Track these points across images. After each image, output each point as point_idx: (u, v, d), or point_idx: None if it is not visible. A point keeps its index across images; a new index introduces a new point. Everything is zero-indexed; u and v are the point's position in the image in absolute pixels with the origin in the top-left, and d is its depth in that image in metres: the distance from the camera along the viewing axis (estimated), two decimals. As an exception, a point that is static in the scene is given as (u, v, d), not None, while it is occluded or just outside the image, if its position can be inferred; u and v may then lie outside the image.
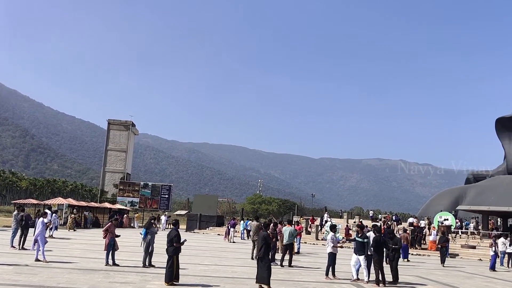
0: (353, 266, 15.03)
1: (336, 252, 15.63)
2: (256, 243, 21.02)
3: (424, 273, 19.06)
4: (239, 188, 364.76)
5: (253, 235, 21.54)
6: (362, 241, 14.66)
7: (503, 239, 24.47)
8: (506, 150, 53.03)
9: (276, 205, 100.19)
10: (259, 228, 21.43)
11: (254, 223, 23.30)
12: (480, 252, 29.97)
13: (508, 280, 18.29)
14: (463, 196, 51.51)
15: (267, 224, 15.25)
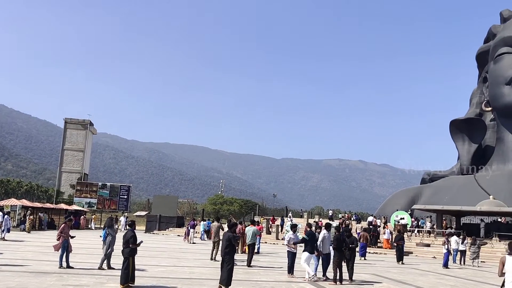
0: (306, 264, 15.20)
1: (295, 251, 15.73)
2: (216, 244, 20.99)
3: (380, 271, 19.48)
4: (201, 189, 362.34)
5: (214, 236, 21.43)
6: (305, 238, 14.96)
7: (455, 237, 25.34)
8: (460, 151, 55.00)
9: (237, 205, 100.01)
10: (220, 229, 21.46)
11: (215, 224, 23.20)
12: (434, 250, 30.92)
13: (459, 277, 18.93)
14: (419, 196, 53.03)
15: (233, 225, 15.19)
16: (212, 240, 21.69)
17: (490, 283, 17.11)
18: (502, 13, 54.76)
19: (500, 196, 41.88)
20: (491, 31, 54.99)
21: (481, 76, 56.99)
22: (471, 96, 59.20)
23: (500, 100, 49.51)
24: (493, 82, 50.95)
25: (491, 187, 45.88)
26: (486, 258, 28.35)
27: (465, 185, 49.39)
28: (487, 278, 18.78)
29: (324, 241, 15.33)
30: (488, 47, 54.18)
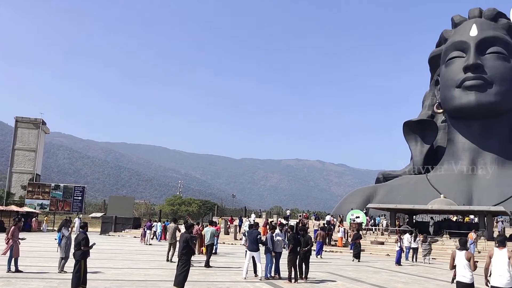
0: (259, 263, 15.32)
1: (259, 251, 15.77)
2: (172, 245, 20.78)
3: (335, 269, 19.81)
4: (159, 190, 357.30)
5: (170, 237, 21.20)
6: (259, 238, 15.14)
7: (408, 235, 26.09)
8: (413, 151, 56.69)
9: (196, 206, 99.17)
10: (176, 230, 21.27)
11: (171, 225, 22.96)
12: (388, 248, 31.71)
13: (411, 273, 19.50)
14: (374, 195, 54.27)
15: (190, 226, 15.04)
16: (168, 241, 21.44)
17: (440, 279, 17.70)
18: (453, 18, 56.83)
19: (450, 195, 43.47)
20: (443, 35, 56.94)
21: (433, 79, 58.89)
22: (424, 98, 61.10)
23: (451, 102, 51.35)
24: (444, 85, 52.79)
25: (442, 186, 47.57)
26: (437, 255, 29.33)
27: (418, 184, 50.97)
28: (437, 275, 19.43)
29: (275, 240, 15.49)
30: (440, 51, 56.07)
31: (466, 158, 51.30)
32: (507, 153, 50.59)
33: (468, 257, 9.55)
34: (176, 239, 20.80)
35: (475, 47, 49.75)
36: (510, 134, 51.94)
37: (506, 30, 52.64)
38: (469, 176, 49.55)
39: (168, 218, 55.30)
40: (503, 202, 42.51)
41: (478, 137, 51.32)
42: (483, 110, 49.14)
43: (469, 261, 9.51)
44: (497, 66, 49.51)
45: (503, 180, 47.10)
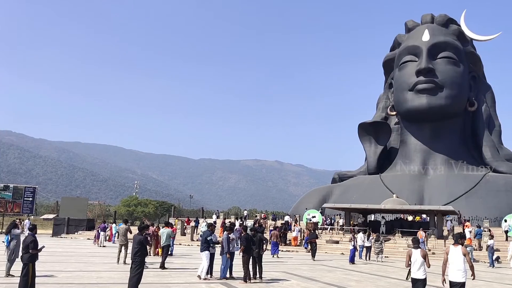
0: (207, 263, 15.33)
1: (213, 252, 15.70)
2: (124, 247, 20.44)
3: (291, 268, 20.01)
4: (114, 190, 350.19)
5: (121, 239, 20.83)
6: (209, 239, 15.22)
7: (361, 234, 26.68)
8: (367, 152, 57.98)
9: (152, 207, 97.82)
10: (127, 232, 20.93)
11: (123, 226, 22.54)
12: (342, 247, 32.30)
13: (364, 272, 19.95)
14: (330, 195, 55.20)
15: (143, 227, 14.79)
16: (119, 242, 21.06)
17: (391, 277, 18.20)
18: (406, 23, 58.55)
19: (403, 195, 44.78)
20: (397, 40, 58.57)
21: (387, 82, 60.46)
22: (378, 100, 62.63)
23: (404, 105, 52.89)
24: (397, 88, 54.32)
25: (395, 186, 48.92)
26: (389, 253, 30.13)
27: (372, 184, 52.21)
28: (389, 273, 19.96)
29: (230, 240, 15.52)
30: (393, 55, 57.65)
31: (417, 159, 52.95)
32: (456, 155, 52.57)
33: (423, 255, 10.25)
34: (127, 241, 20.52)
35: (427, 51, 51.44)
36: (459, 137, 54.02)
37: (457, 36, 54.72)
38: (420, 177, 51.17)
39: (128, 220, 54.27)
40: (452, 202, 44.15)
41: (429, 139, 53.09)
42: (434, 112, 50.87)
43: (424, 259, 10.21)
44: (447, 70, 51.38)
45: (452, 180, 48.93)
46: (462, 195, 46.65)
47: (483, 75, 57.39)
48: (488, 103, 54.47)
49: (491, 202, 45.29)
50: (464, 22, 56.72)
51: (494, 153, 51.60)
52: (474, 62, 55.07)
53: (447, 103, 50.65)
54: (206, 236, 15.47)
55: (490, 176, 48.94)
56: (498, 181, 47.99)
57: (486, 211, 43.79)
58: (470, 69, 54.25)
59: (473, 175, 49.34)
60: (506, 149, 54.08)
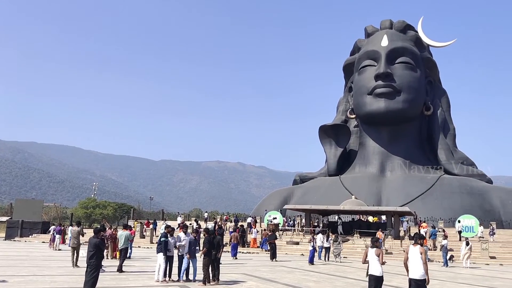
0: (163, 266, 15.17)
1: (172, 255, 15.52)
2: (76, 250, 19.97)
3: (250, 270, 20.02)
4: (72, 192, 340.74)
5: (73, 241, 20.35)
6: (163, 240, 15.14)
7: (321, 235, 27.01)
8: (327, 154, 58.81)
9: (111, 209, 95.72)
10: (79, 234, 20.45)
11: (75, 228, 21.99)
12: (302, 248, 32.61)
13: (322, 272, 20.19)
14: (291, 196, 55.65)
15: (99, 230, 14.46)
16: (71, 245, 20.55)
17: (349, 277, 18.50)
18: (366, 28, 59.83)
19: (361, 196, 45.70)
20: (357, 44, 59.75)
21: (347, 86, 61.57)
22: (338, 103, 63.67)
23: (363, 108, 53.98)
24: (357, 92, 55.39)
25: (354, 187, 49.85)
26: (348, 254, 30.66)
27: (332, 186, 53.00)
28: (347, 273, 20.29)
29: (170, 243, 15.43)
30: (353, 59, 58.77)
31: (376, 162, 54.13)
32: (413, 157, 54.06)
33: (377, 253, 10.97)
34: (79, 243, 20.19)
35: (386, 56, 52.73)
36: (416, 140, 55.60)
37: (414, 41, 56.33)
38: (378, 178, 52.32)
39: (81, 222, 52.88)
40: (408, 203, 45.37)
41: (387, 141, 54.38)
42: (391, 116, 52.15)
43: (378, 257, 10.94)
44: (405, 75, 52.79)
45: (409, 182, 50.29)
46: (418, 196, 48.02)
47: (439, 80, 59.34)
48: (443, 108, 56.33)
49: (446, 203, 46.83)
50: (421, 29, 58.54)
51: (448, 156, 53.36)
52: (431, 67, 56.86)
53: (404, 107, 52.00)
54: (160, 238, 15.35)
55: (445, 178, 50.58)
56: (453, 183, 49.66)
57: (441, 212, 45.25)
58: (427, 74, 55.96)
59: (428, 177, 50.87)
60: (460, 152, 56.04)
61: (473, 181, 50.67)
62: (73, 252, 19.92)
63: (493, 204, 48.02)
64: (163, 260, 15.01)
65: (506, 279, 20.24)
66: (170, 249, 15.31)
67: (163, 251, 15.01)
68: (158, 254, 15.10)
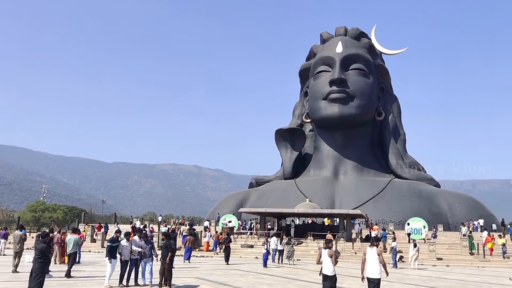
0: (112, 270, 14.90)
1: (128, 259, 15.19)
2: (19, 254, 19.26)
3: (204, 273, 19.88)
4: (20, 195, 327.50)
5: (16, 246, 19.60)
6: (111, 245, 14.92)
7: (275, 238, 27.18)
8: (283, 158, 59.33)
9: (61, 212, 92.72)
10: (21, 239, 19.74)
11: (17, 232, 21.17)
12: (257, 251, 32.69)
13: (276, 275, 20.32)
14: (246, 199, 55.73)
15: (45, 235, 13.95)
16: (14, 250, 19.79)
17: (301, 280, 18.69)
18: (322, 34, 60.91)
19: (315, 199, 46.36)
20: (312, 50, 60.69)
21: (303, 91, 62.39)
22: (294, 108, 64.42)
23: (318, 113, 54.85)
24: (312, 97, 56.23)
25: (309, 191, 50.51)
26: (301, 256, 31.02)
27: (287, 189, 53.49)
28: (300, 275, 20.50)
29: (125, 247, 15.16)
30: (309, 64, 59.65)
31: (329, 165, 55.10)
32: (365, 161, 55.39)
33: (330, 254, 11.74)
34: (22, 248, 19.64)
35: (340, 63, 53.82)
36: (368, 144, 57.00)
37: (367, 49, 57.80)
38: (332, 182, 53.25)
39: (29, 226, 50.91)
40: (360, 206, 46.44)
41: (340, 146, 55.47)
42: (345, 121, 53.26)
43: (331, 258, 11.70)
44: (358, 81, 54.06)
45: (361, 185, 51.47)
46: (369, 199, 49.20)
47: (391, 87, 61.11)
48: (394, 113, 58.06)
49: (396, 206, 48.23)
50: (375, 36, 60.17)
51: (399, 160, 55.02)
52: (383, 74, 58.50)
53: (357, 112, 53.22)
54: (109, 242, 15.06)
55: (395, 182, 52.10)
56: (402, 186, 51.22)
57: (391, 214, 46.55)
58: (379, 81, 57.53)
59: (379, 181, 52.25)
60: (410, 156, 57.90)
61: (422, 185, 52.44)
62: (15, 257, 19.22)
63: (440, 207, 49.85)
64: (112, 265, 14.75)
65: (451, 279, 21.04)
66: (124, 254, 15.01)
67: (113, 256, 14.75)
68: (107, 259, 14.85)
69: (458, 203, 50.73)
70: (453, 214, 49.31)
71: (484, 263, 30.25)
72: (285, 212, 40.05)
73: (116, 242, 15.23)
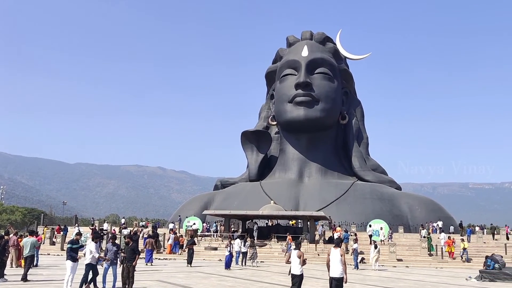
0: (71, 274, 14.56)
1: (95, 263, 14.80)
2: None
3: (166, 276, 19.67)
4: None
5: None
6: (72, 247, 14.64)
7: (238, 240, 27.16)
8: (249, 160, 59.41)
9: (20, 214, 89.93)
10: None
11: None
12: (220, 253, 32.57)
13: (238, 277, 20.31)
14: (211, 202, 55.45)
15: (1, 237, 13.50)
16: None
17: (264, 282, 18.76)
18: (288, 38, 61.39)
19: (280, 201, 46.62)
20: (279, 53, 61.08)
21: (269, 93, 62.66)
22: (260, 110, 64.62)
23: (283, 116, 55.22)
24: (278, 100, 56.56)
25: (274, 193, 50.68)
26: (265, 258, 31.13)
27: (252, 191, 53.54)
28: (262, 277, 20.55)
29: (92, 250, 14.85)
30: (275, 67, 59.98)
31: (294, 168, 55.52)
32: (329, 164, 56.07)
33: (299, 255, 12.34)
34: None
35: (306, 66, 54.34)
36: (332, 147, 57.71)
37: (332, 53, 58.61)
38: (297, 184, 53.64)
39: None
40: (324, 208, 46.96)
41: (305, 148, 55.99)
42: (310, 124, 53.80)
43: (299, 258, 12.30)
44: (323, 85, 54.72)
45: (325, 188, 52.07)
46: (333, 201, 49.82)
47: (354, 91, 62.16)
48: (357, 117, 59.08)
49: (358, 208, 49.03)
50: (339, 41, 61.08)
51: (361, 163, 56.00)
52: (347, 78, 59.43)
53: (322, 115, 53.86)
54: (69, 244, 14.70)
55: (358, 185, 52.97)
56: (365, 189, 52.14)
57: (354, 216, 47.28)
58: (343, 85, 58.40)
59: (343, 183, 53.02)
60: (372, 159, 59.02)
61: (383, 187, 53.53)
62: None
63: (401, 210, 50.99)
64: (73, 268, 14.41)
65: (409, 280, 21.56)
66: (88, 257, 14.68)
67: (71, 259, 14.39)
68: (67, 262, 14.49)
69: (418, 206, 51.99)
70: (413, 216, 50.49)
71: (442, 264, 31.17)
72: (249, 214, 40.10)
73: (76, 244, 14.89)
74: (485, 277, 21.93)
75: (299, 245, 12.94)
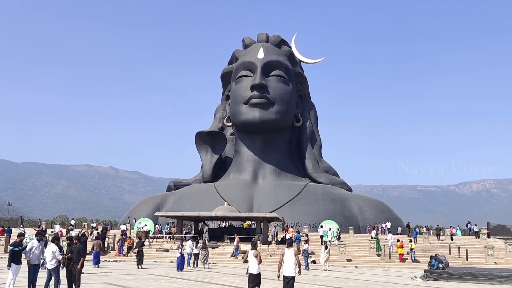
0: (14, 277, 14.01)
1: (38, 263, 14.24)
2: None
3: (115, 279, 19.23)
4: None
5: None
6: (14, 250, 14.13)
7: (190, 242, 26.95)
8: (203, 160, 59.06)
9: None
10: None
11: None
12: (172, 255, 32.16)
13: (189, 279, 20.13)
14: (164, 203, 54.71)
15: None
16: None
17: (215, 283, 18.68)
18: (244, 40, 61.54)
19: (234, 202, 46.62)
20: (234, 55, 61.14)
21: (224, 94, 62.60)
22: (216, 111, 64.42)
23: (239, 117, 55.30)
24: (234, 101, 56.59)
25: (228, 194, 50.63)
26: (217, 260, 31.04)
27: (206, 192, 53.24)
28: (213, 279, 20.46)
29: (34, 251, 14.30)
30: (231, 68, 59.99)
31: (249, 169, 55.70)
32: (283, 166, 56.63)
33: (255, 255, 12.82)
34: None
35: (261, 68, 54.68)
36: (286, 149, 58.33)
37: (288, 56, 59.25)
38: (251, 185, 53.83)
39: None
40: (277, 209, 47.32)
41: (260, 150, 56.29)
42: (265, 126, 54.16)
43: (256, 257, 12.79)
44: (278, 87, 55.23)
45: (279, 189, 52.53)
46: (286, 203, 50.31)
47: (309, 94, 63.08)
48: (311, 120, 60.01)
49: (311, 209, 49.76)
50: (295, 44, 61.82)
51: (315, 165, 56.88)
52: (302, 82, 60.23)
53: (277, 117, 54.34)
54: (11, 247, 14.13)
55: (310, 186, 53.77)
56: (317, 190, 52.99)
57: (306, 217, 47.95)
58: (298, 88, 59.16)
59: (296, 185, 53.67)
60: (325, 162, 60.08)
61: (335, 189, 54.60)
62: None
63: (352, 211, 52.17)
64: (15, 270, 13.84)
65: (358, 280, 22.07)
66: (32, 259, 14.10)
67: (14, 261, 13.82)
68: (11, 265, 13.86)
69: (368, 207, 53.39)
70: (363, 217, 51.78)
71: (389, 264, 32.10)
72: (202, 216, 39.83)
73: (19, 246, 14.29)
74: (430, 276, 22.75)
75: (255, 245, 13.36)
